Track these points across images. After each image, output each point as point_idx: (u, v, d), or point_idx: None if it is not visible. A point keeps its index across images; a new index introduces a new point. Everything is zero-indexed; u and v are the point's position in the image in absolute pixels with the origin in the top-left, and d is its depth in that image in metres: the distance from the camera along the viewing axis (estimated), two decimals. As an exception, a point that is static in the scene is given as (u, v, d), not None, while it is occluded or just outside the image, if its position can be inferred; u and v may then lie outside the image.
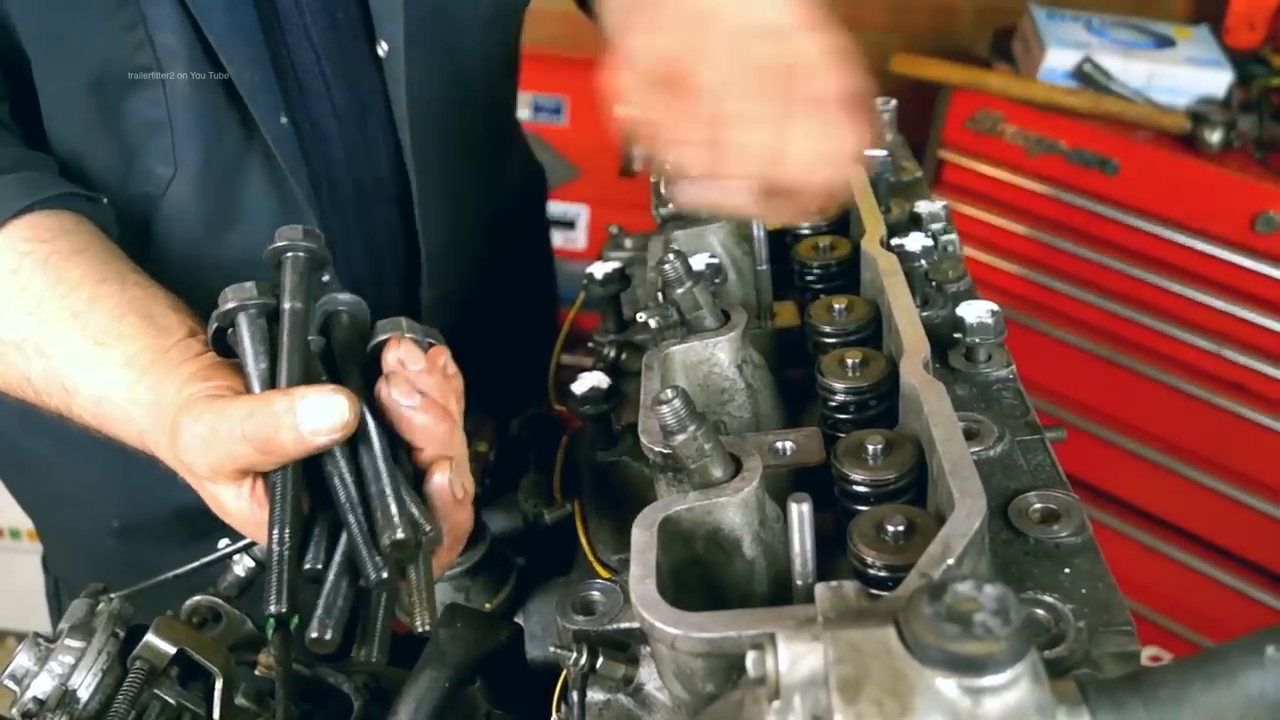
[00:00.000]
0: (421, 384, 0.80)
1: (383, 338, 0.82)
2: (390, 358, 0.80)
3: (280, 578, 0.74)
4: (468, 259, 1.33)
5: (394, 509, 0.75)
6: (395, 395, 0.79)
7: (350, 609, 0.76)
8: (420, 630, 0.79)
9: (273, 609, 0.74)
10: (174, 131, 1.08)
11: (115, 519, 1.31)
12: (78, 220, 1.01)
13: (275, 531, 0.75)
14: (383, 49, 1.13)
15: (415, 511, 0.77)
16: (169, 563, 1.23)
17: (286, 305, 0.80)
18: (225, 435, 0.76)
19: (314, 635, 0.75)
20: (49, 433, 1.19)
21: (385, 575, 0.75)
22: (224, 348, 0.84)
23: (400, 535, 0.74)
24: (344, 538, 0.76)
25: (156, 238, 1.13)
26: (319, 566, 0.76)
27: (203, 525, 1.16)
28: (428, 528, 0.77)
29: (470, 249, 1.33)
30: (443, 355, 0.83)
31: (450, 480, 0.80)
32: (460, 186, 1.28)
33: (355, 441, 0.77)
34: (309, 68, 1.14)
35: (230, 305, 0.81)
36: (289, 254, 0.82)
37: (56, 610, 1.57)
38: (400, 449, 0.80)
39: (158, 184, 1.11)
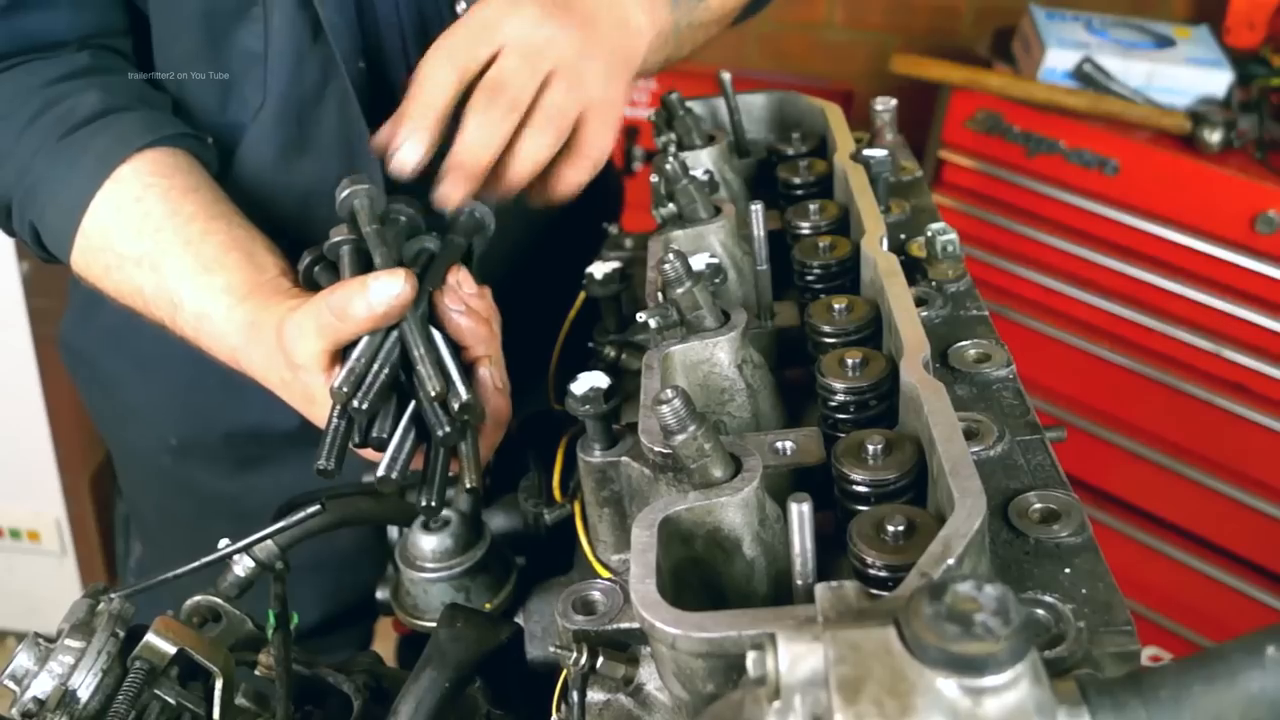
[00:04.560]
0: (470, 301, 0.99)
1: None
2: (450, 279, 0.99)
3: (335, 436, 0.91)
4: (515, 218, 1.37)
5: (459, 382, 0.94)
6: (448, 303, 0.98)
7: (409, 465, 0.94)
8: (469, 487, 0.95)
9: (320, 464, 0.90)
10: (268, 64, 1.19)
11: (173, 436, 1.47)
12: (190, 160, 1.16)
13: (338, 384, 0.90)
14: (461, 8, 1.24)
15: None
16: (214, 486, 1.48)
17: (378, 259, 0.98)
18: (314, 311, 0.93)
19: (381, 474, 0.92)
20: (127, 353, 1.44)
21: (450, 430, 0.92)
22: (311, 283, 1.03)
23: (465, 398, 0.93)
24: (411, 406, 0.94)
25: (238, 161, 1.25)
26: (384, 435, 0.93)
27: (249, 451, 1.44)
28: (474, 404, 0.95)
29: (518, 211, 1.38)
30: (488, 293, 1.02)
31: (491, 373, 0.99)
32: None
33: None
34: (389, 17, 1.24)
35: (338, 239, 1.01)
36: (362, 201, 1.00)
37: (125, 540, 1.72)
38: (454, 353, 0.98)
39: (250, 112, 1.22)
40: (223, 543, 1.00)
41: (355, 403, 0.91)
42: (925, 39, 3.08)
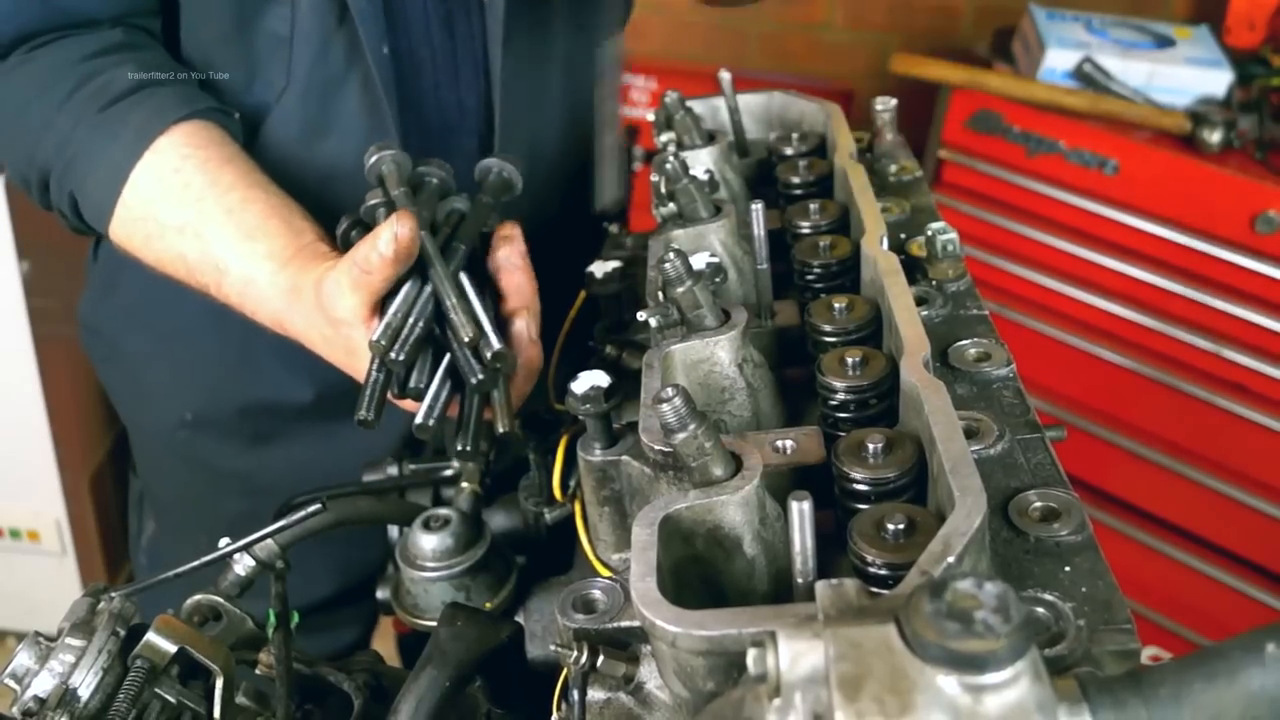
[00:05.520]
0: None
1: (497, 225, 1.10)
2: (508, 230, 1.07)
3: (374, 387, 0.97)
4: (533, 200, 1.40)
5: (492, 333, 0.99)
6: (508, 252, 1.05)
7: (445, 412, 0.99)
8: (502, 431, 1.00)
9: (361, 414, 0.96)
10: (293, 47, 1.23)
11: (189, 411, 1.49)
12: (222, 133, 1.20)
13: (376, 337, 0.96)
14: None
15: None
16: (228, 462, 1.51)
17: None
18: (346, 268, 1.00)
19: (419, 421, 0.98)
20: (145, 330, 1.47)
21: (482, 378, 0.98)
22: (348, 246, 1.06)
23: (497, 347, 0.99)
24: (446, 358, 1.00)
25: (261, 141, 1.28)
26: (421, 386, 0.98)
27: (262, 426, 1.48)
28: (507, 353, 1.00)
29: (537, 191, 1.41)
30: (525, 248, 1.08)
31: (527, 324, 1.05)
32: (535, 129, 1.40)
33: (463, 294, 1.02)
34: (415, 4, 1.27)
35: (373, 202, 1.07)
36: (391, 165, 1.06)
37: (138, 517, 1.75)
38: (491, 303, 1.04)
39: (274, 93, 1.26)
40: (223, 542, 1.00)
41: (393, 354, 0.96)
42: (925, 39, 3.08)
